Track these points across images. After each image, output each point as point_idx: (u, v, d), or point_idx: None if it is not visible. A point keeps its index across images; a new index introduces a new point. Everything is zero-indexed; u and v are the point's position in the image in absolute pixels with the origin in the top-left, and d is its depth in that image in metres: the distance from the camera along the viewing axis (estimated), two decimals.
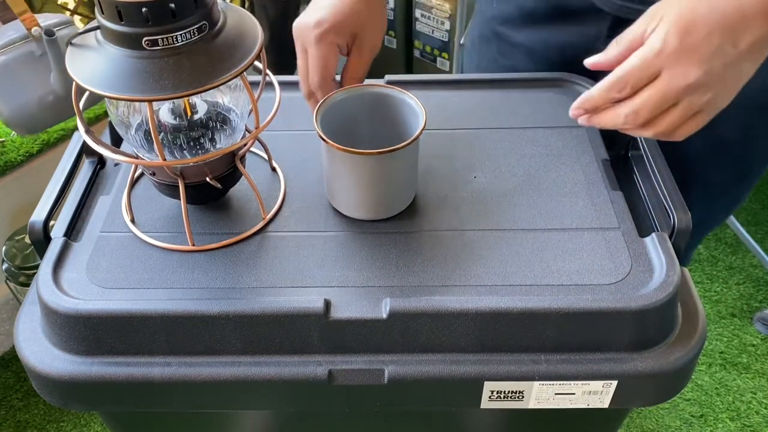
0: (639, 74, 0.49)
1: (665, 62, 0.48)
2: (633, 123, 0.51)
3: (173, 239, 0.57)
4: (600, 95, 0.52)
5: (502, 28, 0.82)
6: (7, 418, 1.37)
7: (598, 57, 0.54)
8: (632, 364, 0.52)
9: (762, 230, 1.72)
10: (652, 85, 0.49)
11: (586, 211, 0.59)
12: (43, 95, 1.15)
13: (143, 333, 0.51)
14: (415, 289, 0.53)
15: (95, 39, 0.48)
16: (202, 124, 0.55)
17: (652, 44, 0.49)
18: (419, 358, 0.53)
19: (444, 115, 0.69)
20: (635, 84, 0.50)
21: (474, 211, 0.59)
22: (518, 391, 0.53)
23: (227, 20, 0.50)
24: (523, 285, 0.53)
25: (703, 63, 0.48)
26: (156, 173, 0.56)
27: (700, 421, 1.35)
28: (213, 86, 0.47)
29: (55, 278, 0.53)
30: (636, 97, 0.50)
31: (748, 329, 1.51)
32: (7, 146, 1.39)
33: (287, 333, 0.52)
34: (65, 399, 0.54)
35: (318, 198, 0.61)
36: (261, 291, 0.53)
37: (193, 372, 0.52)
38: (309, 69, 0.62)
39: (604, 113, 0.53)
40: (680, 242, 0.56)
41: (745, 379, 1.42)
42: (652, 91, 0.49)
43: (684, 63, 0.48)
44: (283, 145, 0.66)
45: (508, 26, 0.81)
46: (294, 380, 0.52)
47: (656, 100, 0.49)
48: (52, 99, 1.16)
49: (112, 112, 0.54)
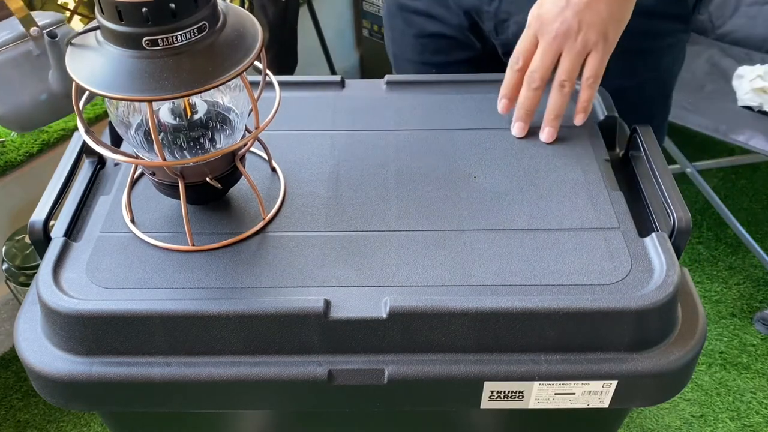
0: (522, 44, 0.65)
1: (534, 30, 0.64)
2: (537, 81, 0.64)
3: (173, 239, 0.57)
4: (506, 73, 0.66)
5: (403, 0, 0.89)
6: (7, 418, 1.37)
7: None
8: (632, 364, 0.52)
9: (762, 230, 1.72)
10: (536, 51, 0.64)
11: (586, 211, 0.59)
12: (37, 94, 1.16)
13: (143, 333, 0.51)
14: (415, 289, 0.53)
15: (95, 39, 0.48)
16: (202, 124, 0.55)
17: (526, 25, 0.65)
18: (419, 358, 0.53)
19: (444, 115, 0.69)
20: (523, 52, 0.65)
21: (474, 211, 0.59)
22: (518, 391, 0.53)
23: (227, 20, 0.50)
24: (523, 285, 0.53)
25: (557, 17, 0.62)
26: (156, 173, 0.56)
27: (700, 421, 1.35)
28: (213, 86, 0.47)
29: (55, 278, 0.53)
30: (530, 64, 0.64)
31: (748, 329, 1.51)
32: (7, 146, 1.39)
33: (287, 333, 0.52)
34: (65, 399, 0.54)
35: (318, 198, 0.61)
36: (261, 291, 0.53)
37: (193, 372, 0.52)
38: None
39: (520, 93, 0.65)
40: (680, 242, 0.56)
41: (745, 379, 1.42)
42: (536, 53, 0.64)
43: (545, 24, 0.63)
44: (283, 145, 0.66)
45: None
46: (294, 380, 0.52)
47: (539, 57, 0.64)
48: (47, 98, 1.16)
49: (112, 112, 0.54)
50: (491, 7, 0.80)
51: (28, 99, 1.15)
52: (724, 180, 1.86)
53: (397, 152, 0.65)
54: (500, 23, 0.81)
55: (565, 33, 0.62)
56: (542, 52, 0.63)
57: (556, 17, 0.62)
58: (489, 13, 0.81)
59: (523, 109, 0.65)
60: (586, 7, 0.62)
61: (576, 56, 0.63)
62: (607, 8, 0.62)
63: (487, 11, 0.81)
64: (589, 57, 0.63)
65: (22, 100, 1.15)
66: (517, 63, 0.65)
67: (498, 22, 0.81)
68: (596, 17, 0.62)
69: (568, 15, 0.62)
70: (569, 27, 0.62)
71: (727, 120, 1.47)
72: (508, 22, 0.80)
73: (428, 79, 0.74)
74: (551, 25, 0.62)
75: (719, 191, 1.79)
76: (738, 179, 1.87)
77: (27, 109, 1.16)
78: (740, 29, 1.69)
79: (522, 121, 0.65)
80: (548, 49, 0.63)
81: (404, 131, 0.67)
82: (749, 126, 1.45)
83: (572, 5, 0.62)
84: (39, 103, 1.16)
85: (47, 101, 1.16)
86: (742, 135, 1.43)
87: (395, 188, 0.61)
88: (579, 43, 0.62)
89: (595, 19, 0.62)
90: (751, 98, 1.50)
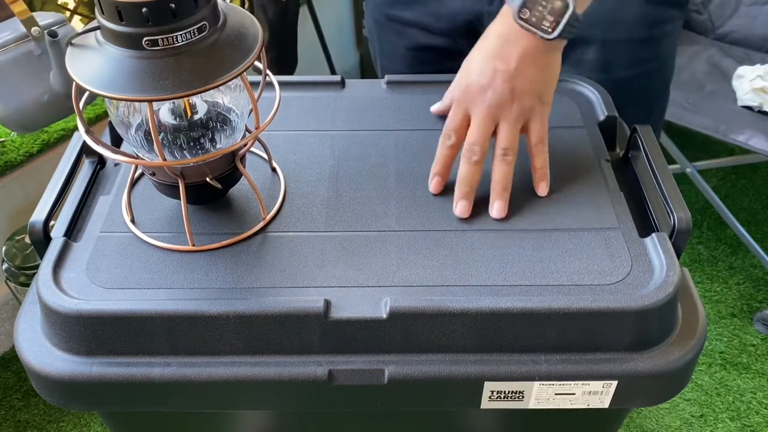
0: (453, 119, 0.60)
1: (466, 103, 0.60)
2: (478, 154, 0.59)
3: (173, 239, 0.57)
4: (438, 150, 0.61)
5: (392, 11, 0.87)
6: (7, 418, 1.37)
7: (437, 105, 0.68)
8: (632, 364, 0.52)
9: (762, 230, 1.72)
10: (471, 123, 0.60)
11: (586, 211, 0.59)
12: (39, 94, 1.15)
13: (143, 333, 0.51)
14: (415, 289, 0.53)
15: (95, 39, 0.48)
16: (202, 125, 0.55)
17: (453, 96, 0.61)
18: (419, 358, 0.53)
19: (444, 115, 0.69)
20: (455, 128, 0.60)
21: (474, 211, 0.59)
22: (518, 391, 0.53)
23: (227, 20, 0.50)
24: (523, 285, 0.53)
25: (487, 88, 0.58)
26: (156, 173, 0.56)
27: (700, 421, 1.35)
28: (213, 86, 0.47)
29: (55, 278, 0.53)
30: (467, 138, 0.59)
31: (748, 329, 1.51)
32: (7, 146, 1.39)
33: (287, 333, 0.52)
34: (65, 399, 0.54)
35: (318, 198, 0.61)
36: (261, 291, 0.53)
37: (193, 372, 0.52)
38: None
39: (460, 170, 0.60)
40: (680, 242, 0.56)
41: (745, 379, 1.42)
42: (472, 126, 0.59)
43: (476, 95, 0.59)
44: (283, 145, 0.66)
45: (397, 7, 0.86)
46: (294, 380, 0.52)
47: (475, 130, 0.59)
48: (49, 98, 1.16)
49: (112, 112, 0.54)
50: (493, 7, 0.79)
51: (30, 100, 1.15)
52: (724, 180, 1.86)
53: (397, 152, 0.65)
54: None
55: (498, 103, 0.58)
56: (478, 125, 0.59)
57: (485, 88, 0.58)
58: (491, 13, 0.78)
59: (468, 185, 0.59)
60: (515, 73, 0.58)
61: (514, 123, 0.59)
62: (537, 71, 0.59)
63: (489, 12, 0.79)
64: (530, 123, 0.60)
65: (24, 100, 1.15)
66: (449, 139, 0.60)
67: None
68: (527, 83, 0.58)
69: (497, 84, 0.58)
70: (501, 96, 0.58)
71: (727, 120, 1.47)
72: None
73: (428, 79, 0.74)
74: (481, 96, 0.58)
75: (719, 191, 1.79)
76: (738, 179, 1.87)
77: (29, 110, 1.16)
78: (740, 29, 1.69)
79: (466, 199, 0.59)
80: (483, 120, 0.59)
81: (404, 131, 0.67)
82: (749, 126, 1.45)
83: (500, 73, 0.58)
84: (41, 104, 1.16)
85: (49, 102, 1.16)
86: (742, 135, 1.43)
87: (395, 188, 0.61)
88: (515, 111, 0.59)
89: (527, 85, 0.58)
90: (751, 98, 1.50)
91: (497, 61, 0.58)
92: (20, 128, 1.21)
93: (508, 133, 0.59)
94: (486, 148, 0.59)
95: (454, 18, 0.82)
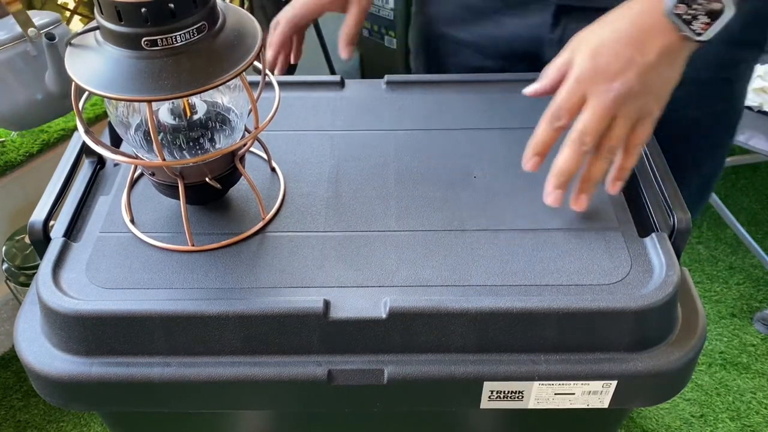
0: (568, 100, 0.55)
1: (587, 85, 0.54)
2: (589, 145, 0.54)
3: (173, 239, 0.57)
4: (543, 129, 0.56)
5: (446, 29, 0.83)
6: (7, 418, 1.37)
7: (535, 85, 0.59)
8: (632, 364, 0.52)
9: (762, 230, 1.72)
10: (585, 108, 0.54)
11: (586, 211, 0.59)
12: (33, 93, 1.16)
13: (143, 333, 0.51)
14: (415, 289, 0.53)
15: (95, 39, 0.48)
16: (201, 125, 0.55)
17: (571, 74, 0.55)
18: (419, 358, 0.53)
19: (444, 115, 0.69)
20: (569, 109, 0.55)
21: (474, 211, 0.59)
22: (518, 391, 0.53)
23: (227, 20, 0.50)
24: (523, 285, 0.53)
25: (618, 76, 0.53)
26: (155, 173, 0.56)
27: (700, 421, 1.35)
28: (212, 86, 0.47)
29: (54, 278, 0.53)
30: (576, 123, 0.55)
31: (748, 329, 1.51)
32: (7, 146, 1.39)
33: (287, 333, 0.52)
34: (65, 399, 0.54)
35: (318, 198, 0.61)
36: (260, 291, 0.53)
37: (193, 372, 0.52)
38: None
39: (563, 156, 0.55)
40: (680, 242, 0.56)
41: (745, 379, 1.42)
42: (587, 113, 0.54)
43: (602, 81, 0.54)
44: (282, 145, 0.66)
45: (452, 26, 0.82)
46: (293, 380, 0.52)
47: (593, 118, 0.54)
48: (43, 97, 1.16)
49: (112, 112, 0.54)
50: (554, 34, 0.74)
51: (24, 99, 1.15)
52: (724, 180, 1.86)
53: (397, 152, 0.65)
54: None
55: (624, 96, 0.53)
56: (598, 113, 0.54)
57: (614, 75, 0.53)
58: (552, 40, 0.74)
59: (567, 175, 0.55)
60: (652, 69, 0.53)
61: (632, 122, 0.55)
62: (670, 70, 0.55)
63: (550, 39, 0.75)
64: (641, 122, 0.55)
65: (18, 99, 1.15)
66: (559, 120, 0.55)
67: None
68: (659, 81, 0.55)
69: (630, 75, 0.53)
70: (630, 89, 0.53)
71: None
72: None
73: (428, 79, 0.74)
74: (609, 83, 0.53)
75: (719, 191, 1.79)
76: (738, 179, 1.87)
77: (22, 109, 1.16)
78: None
79: (562, 188, 0.56)
80: (605, 111, 0.54)
81: (404, 131, 0.67)
82: (749, 126, 1.45)
83: (637, 65, 0.53)
84: (34, 102, 1.16)
85: (43, 101, 1.17)
86: (742, 135, 1.43)
87: (395, 188, 0.61)
88: (637, 109, 0.54)
89: (657, 84, 0.55)
90: (751, 98, 1.50)
91: (635, 51, 0.54)
92: (14, 126, 1.22)
93: (622, 132, 0.55)
94: (597, 141, 0.55)
95: (512, 42, 0.78)
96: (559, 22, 0.70)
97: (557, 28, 0.74)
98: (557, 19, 0.73)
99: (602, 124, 0.54)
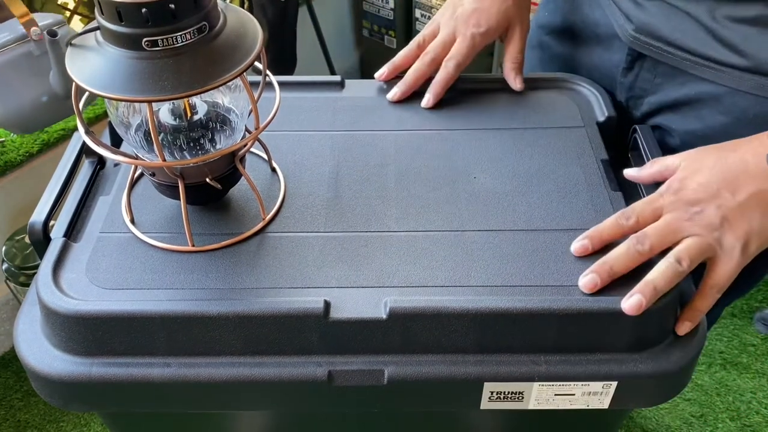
0: (643, 206, 0.55)
1: (667, 202, 0.54)
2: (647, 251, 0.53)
3: (173, 240, 0.57)
4: (609, 221, 0.56)
5: (547, 38, 0.83)
6: (7, 418, 1.37)
7: (634, 171, 0.60)
8: (632, 364, 0.52)
9: None
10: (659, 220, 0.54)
11: (586, 211, 0.59)
12: (38, 95, 1.16)
13: (143, 334, 0.51)
14: (415, 289, 0.53)
15: (95, 39, 0.48)
16: (201, 125, 0.55)
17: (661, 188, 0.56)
18: (419, 359, 0.53)
19: (444, 115, 0.69)
20: (640, 214, 0.55)
21: (474, 211, 0.59)
22: (518, 391, 0.53)
23: (227, 21, 0.50)
24: (523, 285, 0.53)
25: (697, 204, 0.53)
26: (156, 174, 0.56)
27: (700, 421, 1.35)
28: (213, 87, 0.47)
29: (54, 279, 0.53)
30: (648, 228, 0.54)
31: (748, 329, 1.51)
32: (7, 146, 1.39)
33: (287, 334, 0.52)
34: (65, 399, 0.54)
35: (318, 198, 0.61)
36: (261, 292, 0.53)
37: (193, 373, 0.52)
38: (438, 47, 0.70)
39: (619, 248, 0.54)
40: None
41: (745, 379, 1.42)
42: (657, 222, 0.54)
43: (682, 202, 0.54)
44: (283, 145, 0.66)
45: (553, 36, 0.82)
46: (294, 381, 0.52)
47: (662, 232, 0.53)
48: (48, 99, 1.16)
49: (112, 112, 0.54)
50: (626, 79, 0.72)
51: (29, 101, 1.15)
52: None
53: (397, 152, 0.65)
54: (633, 99, 0.72)
55: (699, 225, 0.53)
56: (665, 228, 0.53)
57: (696, 202, 0.53)
58: (623, 84, 0.72)
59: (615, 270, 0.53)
60: (736, 207, 0.52)
61: (701, 248, 0.52)
62: (760, 217, 0.53)
63: (621, 83, 0.72)
64: (718, 262, 0.53)
65: (23, 101, 1.15)
66: (628, 220, 0.54)
67: (630, 97, 0.72)
68: (744, 223, 0.52)
69: (710, 209, 0.52)
70: (706, 221, 0.52)
71: None
72: (642, 101, 0.71)
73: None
74: (689, 206, 0.53)
75: None
76: None
77: (28, 111, 1.16)
78: None
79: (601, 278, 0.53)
80: (675, 228, 0.53)
81: (404, 131, 0.67)
82: None
83: (720, 200, 0.52)
84: (40, 105, 1.16)
85: (48, 102, 1.17)
86: None
87: (395, 188, 0.61)
88: (707, 241, 0.52)
89: (739, 225, 0.53)
90: None
91: (724, 186, 0.53)
92: (19, 129, 1.21)
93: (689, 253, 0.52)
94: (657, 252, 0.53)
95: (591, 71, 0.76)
96: (633, 68, 0.69)
97: (630, 73, 0.71)
98: (631, 64, 0.70)
99: (665, 240, 0.53)
